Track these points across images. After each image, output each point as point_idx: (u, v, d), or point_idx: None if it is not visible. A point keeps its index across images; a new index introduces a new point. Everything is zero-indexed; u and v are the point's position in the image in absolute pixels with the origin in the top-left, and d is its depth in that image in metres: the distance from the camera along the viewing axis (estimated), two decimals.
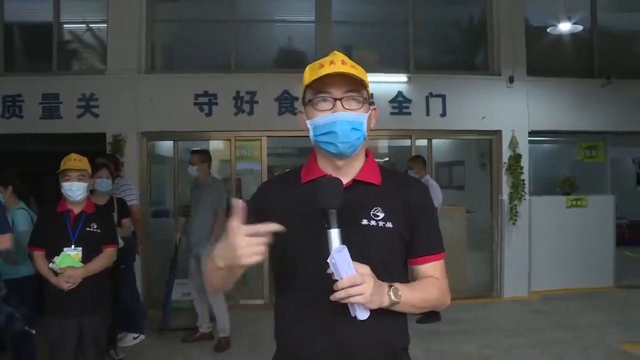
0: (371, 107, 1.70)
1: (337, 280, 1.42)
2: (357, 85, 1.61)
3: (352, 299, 1.43)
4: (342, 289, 1.41)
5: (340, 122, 1.58)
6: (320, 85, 1.60)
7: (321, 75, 1.56)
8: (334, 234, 1.47)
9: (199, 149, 6.48)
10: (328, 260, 1.42)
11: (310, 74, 1.62)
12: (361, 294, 1.43)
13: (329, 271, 1.43)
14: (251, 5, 7.92)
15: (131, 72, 7.08)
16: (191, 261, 5.79)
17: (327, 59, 1.60)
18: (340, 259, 1.41)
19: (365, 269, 1.45)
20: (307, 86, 1.64)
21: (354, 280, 1.41)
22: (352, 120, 1.60)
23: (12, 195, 4.58)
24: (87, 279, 3.60)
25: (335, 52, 1.64)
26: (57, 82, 7.10)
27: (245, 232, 1.39)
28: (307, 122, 1.66)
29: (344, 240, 1.47)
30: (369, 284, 1.44)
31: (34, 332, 4.07)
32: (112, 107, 7.00)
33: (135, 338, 5.75)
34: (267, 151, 7.49)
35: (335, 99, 1.59)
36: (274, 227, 1.42)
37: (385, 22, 8.17)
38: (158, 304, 6.29)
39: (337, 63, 1.58)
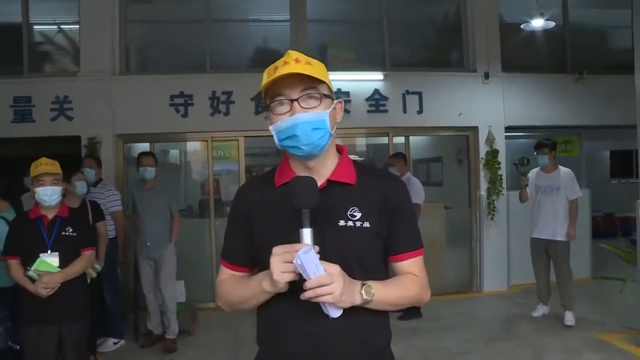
0: (335, 101, 1.66)
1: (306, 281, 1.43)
2: (313, 82, 1.57)
3: (321, 299, 1.43)
4: (310, 289, 1.41)
5: (301, 124, 1.55)
6: (276, 88, 1.57)
7: (272, 79, 1.53)
8: (306, 234, 1.46)
9: (147, 151, 6.36)
10: (294, 261, 1.41)
11: (266, 78, 1.58)
12: (330, 294, 1.42)
13: (297, 271, 1.43)
14: (225, 5, 7.88)
15: (105, 73, 6.98)
16: (145, 265, 5.68)
17: (282, 60, 1.57)
18: (307, 260, 1.40)
19: (335, 269, 1.45)
20: (265, 92, 1.62)
21: (321, 280, 1.41)
22: (312, 120, 1.56)
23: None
24: (65, 284, 3.55)
25: (290, 51, 1.60)
26: (28, 85, 6.97)
27: (282, 255, 1.45)
28: (270, 127, 1.63)
29: (322, 241, 1.47)
30: (338, 284, 1.43)
31: (17, 347, 3.97)
32: (86, 109, 6.89)
33: (115, 343, 5.68)
34: (245, 151, 7.45)
35: (292, 100, 1.56)
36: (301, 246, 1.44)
37: (361, 20, 8.18)
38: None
39: (291, 63, 1.54)
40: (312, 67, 1.56)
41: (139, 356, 5.50)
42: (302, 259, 1.39)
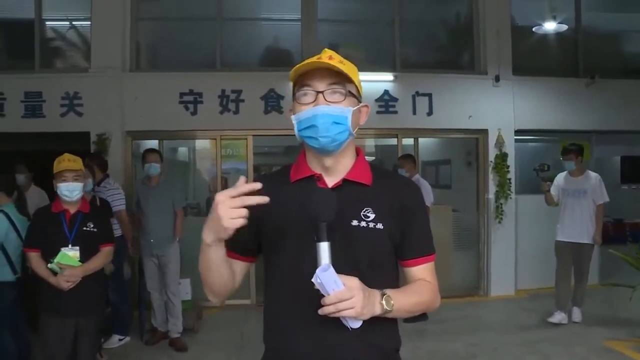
0: (361, 104, 1.66)
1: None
2: (341, 79, 1.58)
3: (342, 313, 1.40)
4: (330, 304, 1.39)
5: (321, 115, 1.54)
6: (305, 79, 1.58)
7: (303, 68, 1.55)
8: (324, 248, 1.43)
9: (152, 147, 6.36)
10: (313, 280, 1.38)
11: (296, 70, 1.60)
12: (351, 308, 1.40)
13: (316, 287, 1.39)
14: (236, 3, 7.90)
15: (115, 70, 7.00)
16: (149, 263, 5.70)
17: (315, 56, 1.58)
18: (326, 278, 1.37)
19: (354, 282, 1.42)
20: (295, 83, 1.62)
21: (341, 296, 1.38)
22: (334, 114, 1.56)
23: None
24: (84, 278, 3.62)
25: (325, 49, 1.62)
26: (39, 81, 7.00)
27: (229, 200, 1.41)
28: (292, 117, 1.63)
29: (333, 240, 1.44)
30: (358, 297, 1.40)
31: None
32: (96, 105, 6.91)
33: (120, 340, 5.69)
34: (253, 150, 7.44)
35: (318, 92, 1.56)
36: (258, 199, 1.42)
37: (372, 21, 8.17)
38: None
39: (324, 58, 1.56)
40: (344, 66, 1.57)
41: (144, 353, 5.50)
42: (321, 277, 1.36)
